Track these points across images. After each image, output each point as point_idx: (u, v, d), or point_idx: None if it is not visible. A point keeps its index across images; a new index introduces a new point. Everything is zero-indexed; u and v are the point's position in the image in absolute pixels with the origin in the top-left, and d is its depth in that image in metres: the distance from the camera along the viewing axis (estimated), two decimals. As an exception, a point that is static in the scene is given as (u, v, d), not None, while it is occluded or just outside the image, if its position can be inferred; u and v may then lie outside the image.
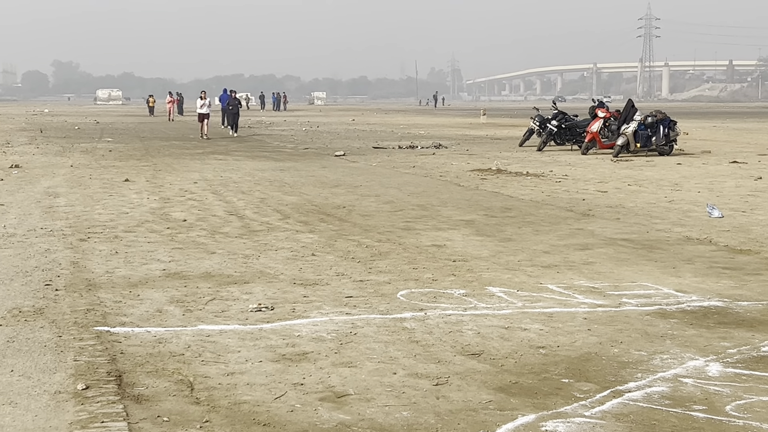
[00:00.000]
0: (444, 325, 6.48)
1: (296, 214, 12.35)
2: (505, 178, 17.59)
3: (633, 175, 18.43)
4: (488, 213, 12.53)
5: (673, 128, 23.99)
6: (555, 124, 26.53)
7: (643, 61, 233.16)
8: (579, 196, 14.69)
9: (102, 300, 7.09)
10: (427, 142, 30.28)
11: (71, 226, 11.03)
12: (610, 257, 9.24)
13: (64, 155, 23.53)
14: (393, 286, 7.77)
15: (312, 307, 6.99)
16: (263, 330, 6.29)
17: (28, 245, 9.59)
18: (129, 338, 6.00)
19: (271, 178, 17.53)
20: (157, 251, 9.37)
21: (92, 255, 9.07)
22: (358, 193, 15.01)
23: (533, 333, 6.29)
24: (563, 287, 7.79)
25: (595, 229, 11.14)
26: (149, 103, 70.95)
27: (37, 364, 5.37)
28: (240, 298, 7.28)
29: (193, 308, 6.90)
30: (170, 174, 18.17)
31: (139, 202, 13.47)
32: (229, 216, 12.09)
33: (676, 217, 12.26)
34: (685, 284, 7.97)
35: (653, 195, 14.88)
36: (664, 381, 5.26)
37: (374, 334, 6.22)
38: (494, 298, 7.35)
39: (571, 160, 22.48)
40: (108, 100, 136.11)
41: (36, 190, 15.10)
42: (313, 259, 9.02)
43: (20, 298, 7.12)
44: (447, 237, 10.46)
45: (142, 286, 7.67)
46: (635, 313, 6.89)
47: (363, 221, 11.70)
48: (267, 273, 8.29)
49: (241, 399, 4.86)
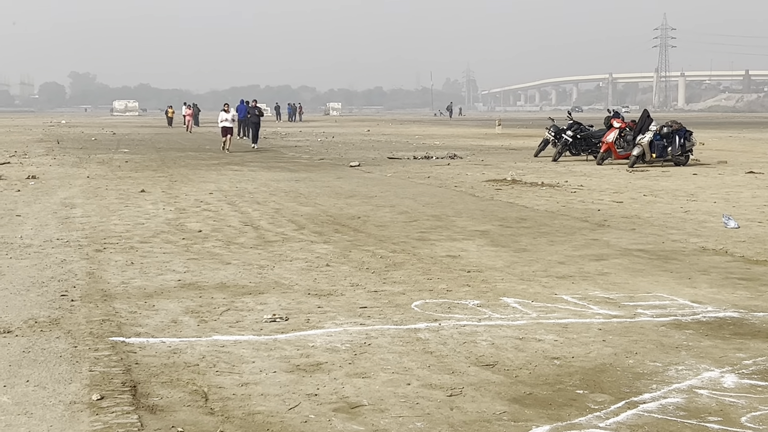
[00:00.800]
0: (458, 335, 6.48)
1: (311, 224, 12.37)
2: (520, 189, 17.57)
3: (648, 186, 18.38)
4: (503, 223, 12.52)
5: (688, 138, 23.92)
6: (570, 134, 26.50)
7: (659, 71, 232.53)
8: (594, 206, 14.66)
9: (117, 310, 7.12)
10: (442, 152, 30.28)
11: (87, 236, 11.08)
12: (625, 268, 9.22)
13: (80, 166, 23.64)
14: (407, 296, 7.77)
15: (326, 317, 7.00)
16: (277, 340, 6.30)
17: (45, 256, 9.64)
18: (144, 348, 6.03)
19: (286, 188, 17.57)
20: (173, 262, 9.40)
21: (108, 265, 9.11)
22: (373, 203, 15.03)
23: (548, 344, 6.28)
24: (578, 298, 7.78)
25: (611, 239, 11.11)
26: (168, 114, 70.71)
27: (52, 375, 5.40)
28: (254, 308, 7.30)
29: (208, 319, 6.92)
30: (186, 185, 18.24)
31: (155, 213, 13.52)
32: (244, 227, 12.12)
33: (691, 227, 12.22)
34: (700, 295, 7.94)
35: (669, 205, 14.83)
36: (679, 392, 5.24)
37: (388, 344, 6.22)
38: (509, 309, 7.35)
39: (587, 171, 22.44)
40: (124, 111, 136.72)
41: (52, 200, 15.18)
42: (327, 269, 9.03)
43: (36, 308, 7.16)
44: (461, 247, 10.46)
45: (157, 296, 7.70)
46: (650, 324, 6.87)
47: (378, 232, 11.71)
48: (282, 283, 8.30)
49: (255, 410, 4.87)
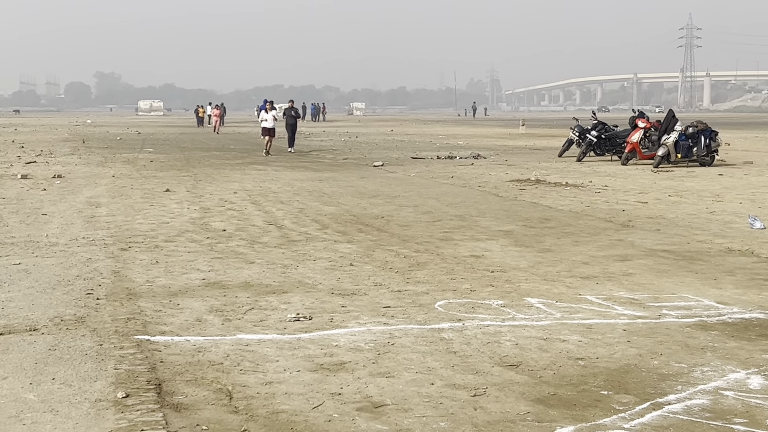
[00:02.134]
0: (482, 335, 6.47)
1: (335, 224, 12.39)
2: (544, 189, 17.52)
3: (674, 186, 18.28)
4: (527, 224, 12.48)
5: (714, 139, 23.77)
6: (595, 134, 26.39)
7: (684, 71, 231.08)
8: (619, 206, 14.60)
9: (142, 309, 7.15)
10: (465, 152, 30.24)
11: (113, 235, 11.14)
12: (650, 268, 9.17)
13: (105, 165, 23.78)
14: (431, 296, 7.77)
15: (350, 317, 7.01)
16: (301, 339, 6.32)
17: (70, 254, 9.71)
18: (169, 347, 6.05)
19: (309, 188, 17.60)
20: (197, 261, 9.44)
21: (133, 264, 9.16)
22: (397, 203, 15.03)
23: (572, 344, 6.26)
24: (602, 298, 7.74)
25: (635, 240, 11.06)
26: (198, 113, 68.70)
27: (78, 372, 5.43)
28: (278, 307, 7.32)
29: (232, 317, 6.94)
30: (210, 184, 18.30)
31: (180, 212, 13.58)
32: (268, 226, 12.15)
33: (717, 228, 12.14)
34: (726, 296, 7.89)
35: (694, 206, 14.75)
36: (705, 394, 5.21)
37: (412, 344, 6.22)
38: (533, 309, 7.32)
39: (611, 171, 22.35)
40: (149, 111, 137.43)
41: (78, 200, 15.27)
42: (351, 269, 9.04)
43: (62, 306, 7.21)
44: (485, 247, 10.44)
45: (182, 295, 7.73)
46: (675, 325, 6.83)
47: (401, 231, 11.71)
48: (305, 283, 8.32)
49: (279, 408, 4.88)
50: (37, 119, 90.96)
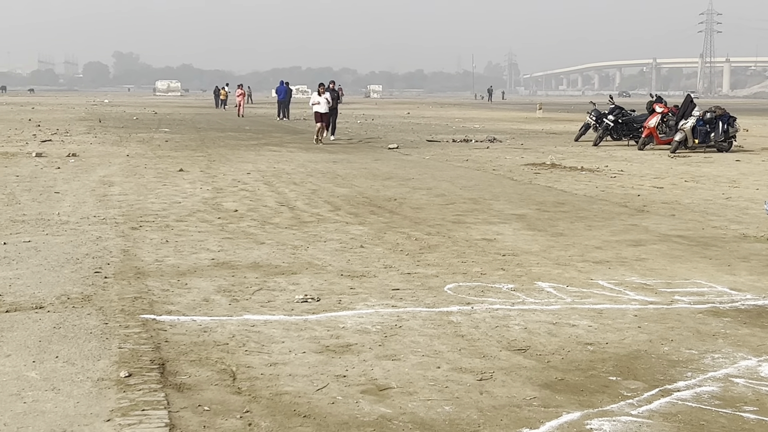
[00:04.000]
0: (491, 319, 6.40)
1: (347, 205, 12.32)
2: (559, 173, 17.40)
3: (690, 172, 18.12)
4: (540, 207, 12.39)
5: (732, 124, 23.57)
6: (611, 119, 26.22)
7: (703, 57, 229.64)
8: (634, 191, 14.47)
9: (150, 288, 7.11)
10: (481, 135, 30.09)
11: (124, 214, 11.12)
12: (663, 254, 9.07)
13: (120, 145, 23.77)
14: (440, 279, 7.70)
15: (358, 299, 6.95)
16: (308, 321, 6.26)
17: (81, 233, 9.68)
18: (174, 327, 6.01)
19: (323, 169, 17.54)
20: (207, 241, 9.40)
21: (143, 243, 9.13)
22: (410, 185, 14.94)
23: (581, 329, 6.18)
24: (614, 283, 7.66)
25: (650, 225, 10.95)
26: (220, 95, 63.53)
27: (81, 351, 5.39)
28: (287, 288, 7.26)
29: (240, 298, 6.89)
30: (224, 165, 18.26)
31: (192, 192, 13.54)
32: (280, 207, 12.10)
33: (732, 214, 12.02)
34: (740, 282, 7.79)
35: (710, 192, 14.61)
36: (715, 381, 5.13)
37: (419, 327, 6.15)
38: (543, 294, 7.25)
39: (628, 156, 22.18)
40: (167, 92, 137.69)
41: (91, 178, 15.25)
42: (361, 251, 8.98)
43: (69, 284, 7.17)
44: (497, 231, 10.36)
45: (190, 275, 7.69)
46: (687, 311, 6.74)
47: (413, 214, 11.64)
48: (315, 264, 8.26)
49: (282, 390, 4.83)
50: (55, 98, 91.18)
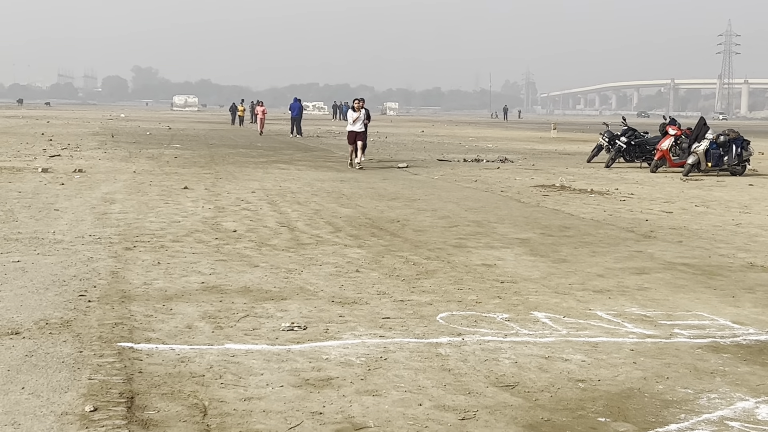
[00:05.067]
0: (480, 352, 6.18)
1: (348, 227, 12.13)
2: (568, 195, 17.16)
3: (701, 196, 17.85)
4: (545, 231, 12.16)
5: (746, 148, 23.29)
6: (624, 140, 25.97)
7: (722, 78, 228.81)
8: (642, 216, 14.22)
9: (133, 313, 6.92)
10: (493, 155, 29.89)
11: (120, 233, 10.95)
12: (666, 283, 8.83)
13: (129, 161, 23.67)
14: (434, 307, 7.48)
15: (346, 327, 6.74)
16: (291, 351, 6.05)
17: (73, 253, 9.51)
18: (151, 356, 5.81)
19: (329, 189, 17.36)
20: (200, 263, 9.21)
21: (134, 265, 8.95)
22: (415, 207, 14.74)
23: (574, 364, 5.95)
24: (613, 314, 7.42)
25: (655, 252, 10.71)
26: (239, 111, 61.47)
27: (50, 382, 5.19)
28: (274, 315, 7.06)
29: (224, 325, 6.70)
30: (230, 182, 18.11)
31: (193, 211, 13.38)
32: (280, 227, 11.92)
33: (741, 241, 11.75)
34: (743, 315, 7.54)
35: (720, 217, 14.34)
36: (709, 424, 4.89)
37: (405, 359, 5.93)
38: (538, 324, 7.02)
39: (639, 178, 21.93)
40: (184, 107, 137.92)
41: (94, 195, 15.12)
42: (356, 275, 8.77)
43: (51, 308, 6.99)
44: (499, 256, 10.14)
45: (177, 299, 7.50)
46: (686, 346, 6.50)
47: (415, 237, 11.43)
48: (307, 289, 8.06)
49: (253, 428, 4.62)
50: (72, 112, 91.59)
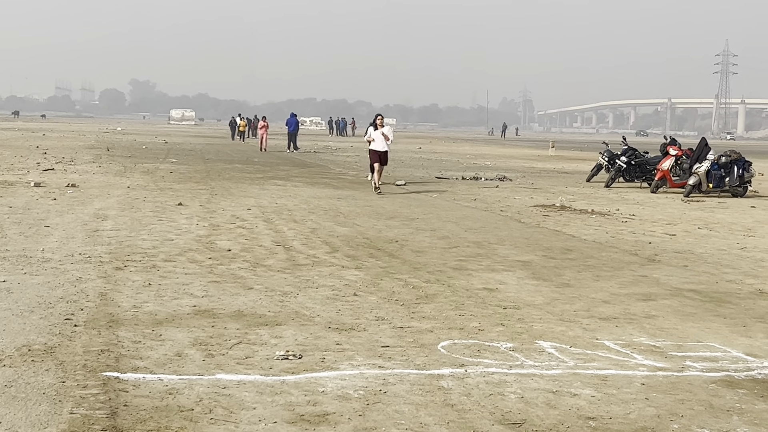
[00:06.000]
0: (485, 385, 5.87)
1: (346, 247, 11.83)
2: (569, 216, 16.88)
3: (704, 218, 17.58)
4: (547, 254, 11.87)
5: (747, 169, 23.06)
6: (624, 160, 25.74)
7: (718, 98, 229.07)
8: (645, 238, 13.94)
9: (120, 339, 6.61)
10: (491, 173, 29.62)
11: (111, 252, 10.64)
12: (674, 310, 8.53)
13: (124, 175, 23.37)
14: (435, 335, 7.18)
15: (343, 356, 6.43)
16: (285, 383, 5.74)
17: (61, 272, 9.20)
18: (138, 387, 5.50)
19: (326, 206, 17.07)
20: (193, 284, 8.90)
21: (123, 286, 8.63)
22: (413, 226, 14.45)
23: (583, 400, 5.65)
24: (621, 344, 7.13)
25: (661, 276, 10.42)
26: (240, 126, 59.65)
27: (28, 416, 4.87)
28: (268, 342, 6.76)
29: (216, 353, 6.39)
30: (226, 199, 17.81)
31: (187, 229, 13.07)
32: (275, 247, 11.62)
33: (748, 266, 11.47)
34: (756, 346, 7.25)
35: (724, 240, 14.06)
36: (730, 469, 4.60)
37: (406, 393, 5.63)
38: (544, 355, 6.72)
39: (640, 199, 21.66)
40: (181, 120, 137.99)
41: (86, 211, 14.80)
42: (354, 299, 8.47)
43: (34, 333, 6.67)
44: (500, 279, 9.84)
45: (167, 324, 7.19)
46: (699, 380, 6.21)
47: (414, 258, 11.14)
48: (302, 314, 7.76)
49: (244, 469, 4.32)
50: (68, 125, 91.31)
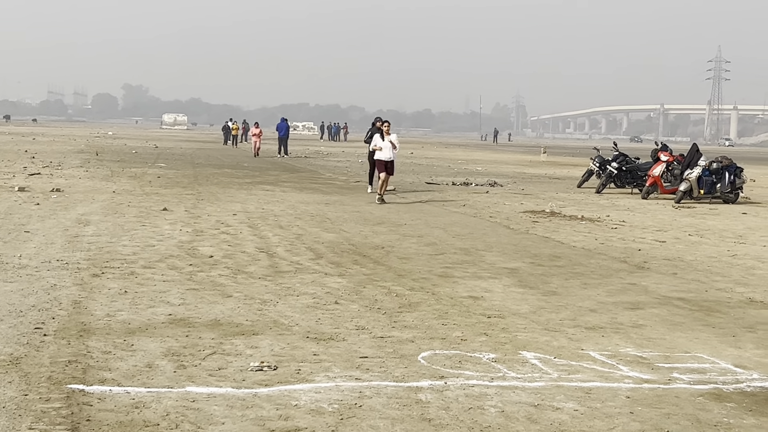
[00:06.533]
0: (464, 399, 5.68)
1: (330, 253, 11.64)
2: (558, 222, 16.71)
3: (694, 224, 17.42)
4: (535, 261, 11.68)
5: (739, 175, 22.94)
6: (615, 166, 25.61)
7: (711, 104, 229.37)
8: (635, 245, 13.76)
9: (90, 350, 6.40)
10: (482, 179, 29.46)
11: (90, 258, 10.43)
12: (663, 320, 8.35)
13: (110, 180, 23.14)
14: (416, 345, 6.99)
15: (320, 368, 6.23)
16: (258, 396, 5.54)
17: (36, 279, 8.98)
18: (103, 400, 5.29)
19: (314, 212, 16.87)
20: (170, 291, 8.70)
21: (99, 294, 8.42)
22: (401, 232, 14.26)
23: (566, 414, 5.46)
24: (607, 355, 6.94)
25: (649, 284, 10.25)
26: (232, 130, 58.04)
27: (-16, 432, 4.69)
28: (243, 353, 6.56)
29: (188, 364, 6.18)
30: (212, 204, 17.60)
31: (170, 234, 12.86)
32: (258, 253, 11.41)
33: (738, 274, 11.29)
34: (745, 358, 7.07)
35: (715, 248, 13.89)
36: (716, 488, 4.41)
37: (382, 407, 5.43)
38: (527, 366, 6.53)
39: (630, 205, 21.50)
40: (173, 125, 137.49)
41: (69, 216, 14.58)
42: (335, 308, 8.28)
43: (1, 343, 6.45)
44: (486, 287, 9.66)
45: (140, 333, 6.98)
46: (686, 393, 6.02)
47: (399, 265, 10.95)
48: (281, 323, 7.56)
49: (207, 489, 4.12)
50: (60, 129, 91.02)
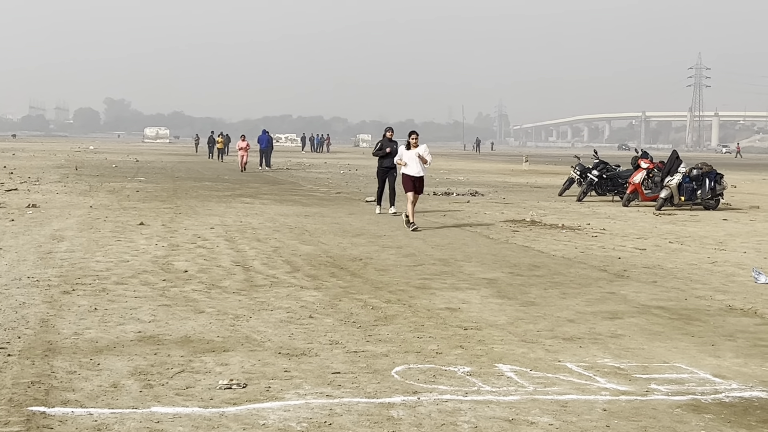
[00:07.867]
0: (437, 414, 5.55)
1: (307, 266, 11.50)
2: (539, 231, 16.62)
3: (675, 231, 17.35)
4: (514, 271, 11.58)
5: (719, 182, 22.92)
6: (596, 173, 25.56)
7: (692, 111, 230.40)
8: (615, 253, 13.67)
9: (54, 370, 6.24)
10: (463, 188, 29.36)
11: (61, 275, 10.26)
12: (641, 329, 8.25)
13: (88, 195, 22.94)
14: (390, 359, 6.86)
15: (290, 385, 6.09)
16: (225, 415, 5.40)
17: (4, 297, 8.81)
18: (64, 423, 5.14)
19: (292, 224, 16.73)
20: (141, 308, 8.54)
21: (68, 312, 8.25)
22: (380, 243, 14.13)
23: (540, 428, 5.34)
24: (584, 367, 6.83)
25: (629, 293, 10.15)
26: (217, 143, 54.89)
27: (-63, 459, 4.53)
28: (212, 370, 6.41)
29: (155, 383, 6.03)
30: (190, 218, 17.44)
31: (145, 249, 12.69)
32: (234, 267, 11.26)
33: (718, 281, 11.21)
34: (724, 367, 6.97)
35: (695, 255, 13.81)
36: (692, 504, 4.30)
37: (352, 425, 5.29)
38: (502, 379, 6.41)
39: (611, 213, 21.44)
40: (155, 138, 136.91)
41: (43, 233, 14.40)
42: (309, 322, 8.14)
43: (-37, 364, 6.31)
44: (463, 298, 9.54)
45: (107, 352, 6.82)
46: (664, 405, 5.91)
47: (377, 277, 10.82)
48: (253, 339, 7.41)
49: None
50: (41, 144, 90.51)
